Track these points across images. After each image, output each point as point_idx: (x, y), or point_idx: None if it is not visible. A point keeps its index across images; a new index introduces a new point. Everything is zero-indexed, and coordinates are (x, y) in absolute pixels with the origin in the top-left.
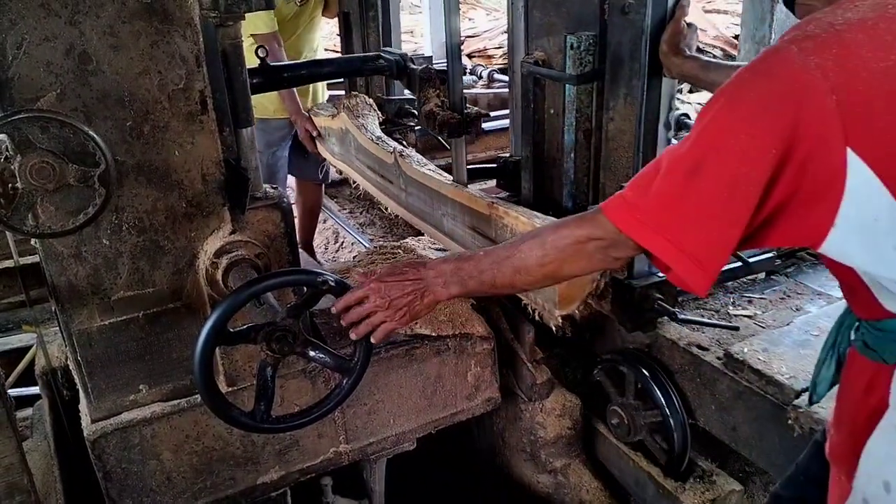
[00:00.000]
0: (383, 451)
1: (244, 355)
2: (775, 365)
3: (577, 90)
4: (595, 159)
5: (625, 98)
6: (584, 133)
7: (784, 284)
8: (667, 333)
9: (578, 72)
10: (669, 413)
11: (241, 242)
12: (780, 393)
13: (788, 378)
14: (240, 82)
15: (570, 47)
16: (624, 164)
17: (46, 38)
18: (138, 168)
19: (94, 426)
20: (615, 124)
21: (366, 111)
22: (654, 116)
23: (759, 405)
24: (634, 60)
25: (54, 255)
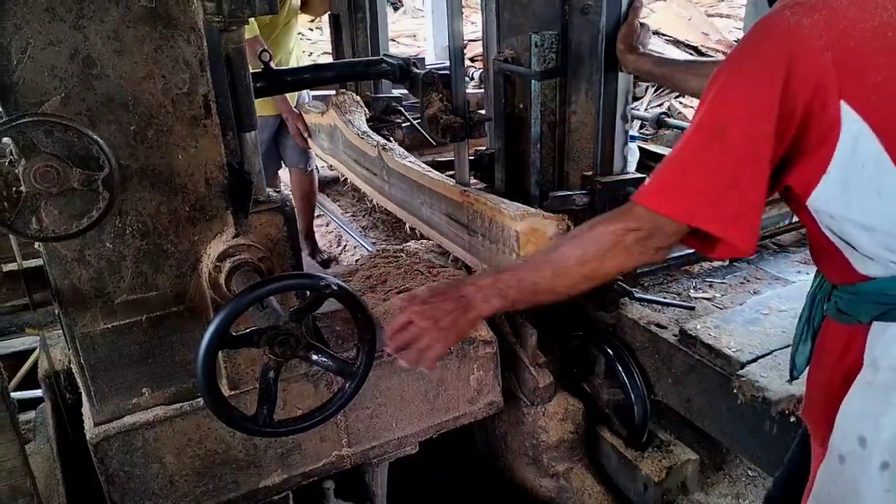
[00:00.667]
0: (385, 455)
1: (247, 359)
2: (724, 340)
3: (542, 85)
4: (560, 150)
5: (586, 93)
6: (548, 125)
7: (745, 270)
8: (629, 314)
9: (542, 68)
10: (631, 389)
11: (244, 246)
12: (727, 365)
13: (735, 351)
14: (243, 86)
15: (535, 45)
16: (586, 154)
17: (51, 42)
18: (142, 172)
19: (97, 429)
20: (577, 117)
21: (353, 108)
22: (612, 109)
23: (709, 377)
24: (593, 57)
25: (58, 258)
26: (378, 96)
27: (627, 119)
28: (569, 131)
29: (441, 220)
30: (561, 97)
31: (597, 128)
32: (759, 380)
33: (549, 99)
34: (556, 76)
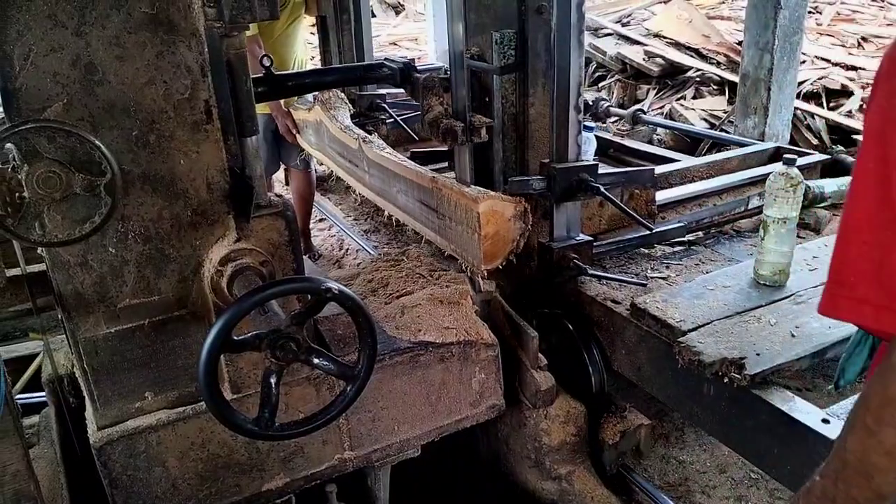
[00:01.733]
0: (387, 458)
1: (249, 363)
2: (670, 312)
3: (502, 79)
4: (521, 139)
5: (543, 86)
6: (510, 117)
7: (701, 253)
8: (588, 291)
9: (502, 63)
10: (589, 361)
11: (246, 250)
12: (671, 334)
13: (678, 321)
14: (244, 91)
15: (495, 43)
16: (544, 143)
17: (53, 48)
18: (144, 177)
19: (100, 433)
20: (535, 108)
21: (338, 105)
22: (565, 101)
23: (655, 346)
24: (548, 53)
25: (61, 263)
26: (363, 94)
27: (580, 110)
28: (528, 122)
29: (415, 207)
30: (521, 90)
31: (552, 118)
32: (697, 345)
33: (510, 92)
34: (515, 71)
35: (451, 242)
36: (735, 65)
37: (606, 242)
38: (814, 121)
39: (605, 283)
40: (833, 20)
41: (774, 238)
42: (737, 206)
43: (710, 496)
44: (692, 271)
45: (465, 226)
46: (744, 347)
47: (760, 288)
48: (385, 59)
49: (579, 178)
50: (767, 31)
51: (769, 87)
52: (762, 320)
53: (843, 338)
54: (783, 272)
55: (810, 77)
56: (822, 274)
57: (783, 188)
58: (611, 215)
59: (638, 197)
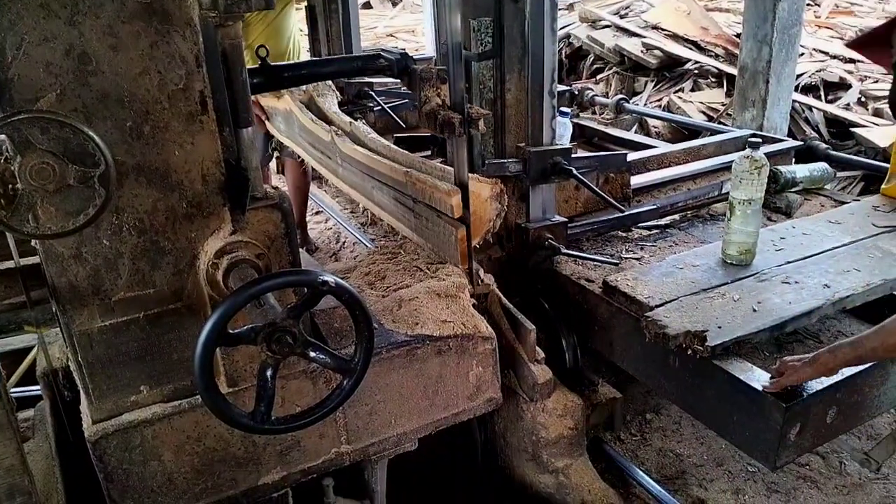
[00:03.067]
0: (384, 452)
1: (245, 356)
2: (640, 289)
3: (480, 66)
4: (499, 124)
5: (518, 73)
6: (487, 102)
7: (676, 236)
8: (563, 271)
9: (480, 50)
10: (563, 337)
11: (242, 243)
12: (639, 309)
13: (647, 298)
14: (239, 82)
15: (473, 30)
16: (521, 127)
17: (46, 38)
18: (138, 169)
19: (95, 427)
20: (512, 94)
21: (325, 91)
22: (539, 87)
23: (625, 322)
24: (523, 40)
25: (55, 256)
26: (350, 81)
27: (554, 95)
28: (505, 107)
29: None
30: (498, 77)
31: (527, 103)
32: (663, 319)
33: (487, 78)
34: (492, 58)
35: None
36: (733, 57)
37: (581, 224)
38: (812, 113)
39: (579, 264)
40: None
41: (741, 219)
42: (710, 190)
43: (707, 489)
44: (665, 252)
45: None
46: (707, 321)
47: (727, 267)
48: (381, 50)
49: (553, 161)
50: (766, 23)
51: (767, 79)
52: (726, 297)
53: (803, 312)
54: (749, 252)
55: (809, 70)
56: (788, 254)
57: (748, 170)
58: (587, 198)
59: (613, 181)
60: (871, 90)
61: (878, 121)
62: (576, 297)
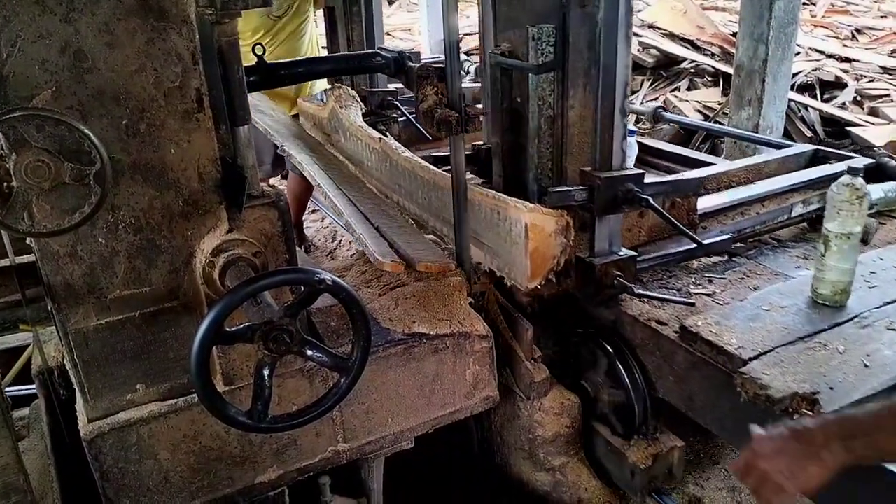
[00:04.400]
0: (381, 450)
1: (241, 354)
2: (726, 336)
3: (539, 79)
4: (558, 145)
5: (584, 87)
6: (546, 120)
7: (745, 266)
8: (629, 310)
9: (540, 61)
10: (632, 388)
11: (238, 241)
12: (729, 362)
13: (737, 348)
14: (236, 80)
15: (532, 39)
16: (585, 149)
17: (41, 35)
18: (134, 166)
19: (91, 426)
20: (576, 111)
21: (349, 103)
22: (611, 103)
23: (711, 375)
24: (592, 51)
25: (50, 254)
26: (374, 90)
27: (626, 113)
28: (567, 126)
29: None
30: (559, 91)
31: (595, 122)
32: (762, 377)
33: (548, 93)
34: (553, 70)
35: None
36: (729, 56)
37: (650, 257)
38: (807, 112)
39: (646, 301)
40: (827, 12)
41: (837, 255)
42: (780, 214)
43: (704, 487)
44: (738, 287)
45: (506, 239)
46: (814, 380)
47: (820, 308)
48: (379, 48)
49: (625, 189)
50: (762, 22)
51: (763, 78)
52: (829, 348)
53: None
54: (844, 291)
55: (804, 69)
56: (884, 292)
57: (848, 200)
58: (651, 226)
59: (680, 206)
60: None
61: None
62: (645, 341)
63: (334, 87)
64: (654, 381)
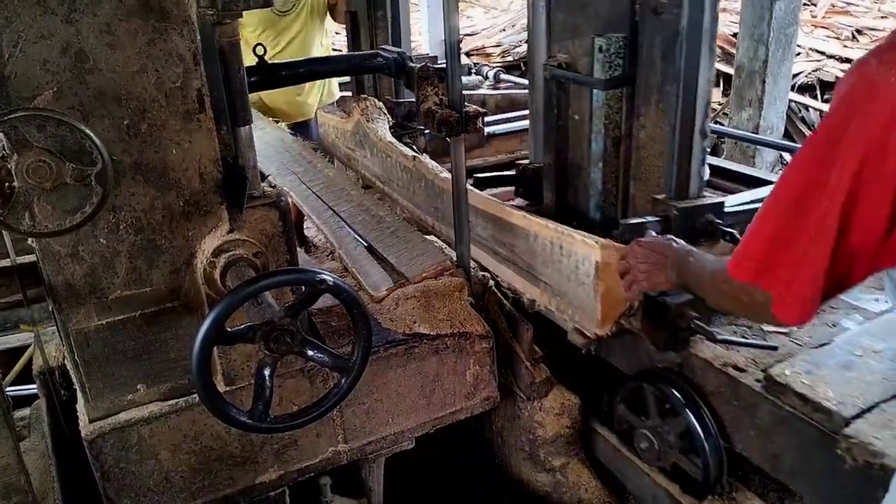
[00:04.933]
0: (382, 451)
1: (242, 355)
2: (821, 389)
3: (606, 95)
4: (624, 168)
5: (657, 104)
6: (612, 141)
7: None
8: (699, 353)
9: (607, 76)
10: (704, 437)
11: (239, 241)
12: (828, 420)
13: (836, 404)
14: (237, 80)
15: (599, 50)
16: (656, 174)
17: (43, 35)
18: (135, 167)
19: (92, 426)
20: (646, 132)
21: (377, 115)
22: (690, 124)
23: (805, 433)
24: (668, 64)
25: (51, 254)
26: (400, 101)
27: (706, 134)
28: (636, 147)
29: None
30: (627, 109)
31: (672, 144)
32: (873, 441)
33: (614, 111)
34: (622, 85)
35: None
36: (730, 56)
37: None
38: (808, 113)
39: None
40: (828, 12)
41: None
42: None
43: None
44: (815, 324)
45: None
46: None
47: None
48: (379, 48)
49: (705, 220)
50: (763, 22)
51: (764, 79)
52: None
53: None
54: None
55: (805, 69)
56: None
57: None
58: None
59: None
60: None
61: None
62: (720, 388)
63: (360, 98)
64: (730, 434)
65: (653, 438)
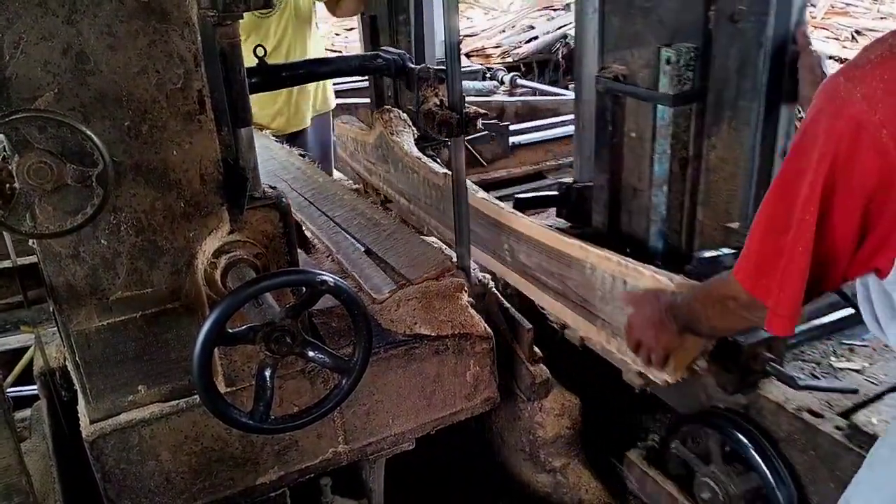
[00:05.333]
0: (382, 451)
1: (243, 356)
2: None
3: (674, 112)
4: (692, 193)
5: (730, 123)
6: (679, 162)
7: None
8: (769, 394)
9: (676, 91)
10: (777, 488)
11: (240, 242)
12: None
13: None
14: (238, 82)
15: (667, 62)
16: (726, 199)
17: (44, 37)
18: (136, 168)
19: (93, 427)
20: (718, 153)
21: (400, 128)
22: (771, 145)
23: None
24: (744, 78)
25: (52, 255)
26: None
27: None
28: (706, 170)
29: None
30: (697, 127)
31: (750, 169)
32: None
33: (682, 129)
34: (693, 101)
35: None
36: None
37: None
38: None
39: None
40: (827, 13)
41: None
42: None
43: None
44: (887, 357)
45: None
46: None
47: None
48: (380, 49)
49: None
50: None
51: None
52: None
53: None
54: None
55: None
56: None
57: None
58: None
59: None
60: None
61: None
62: (794, 435)
63: (383, 109)
64: (805, 486)
65: (716, 488)
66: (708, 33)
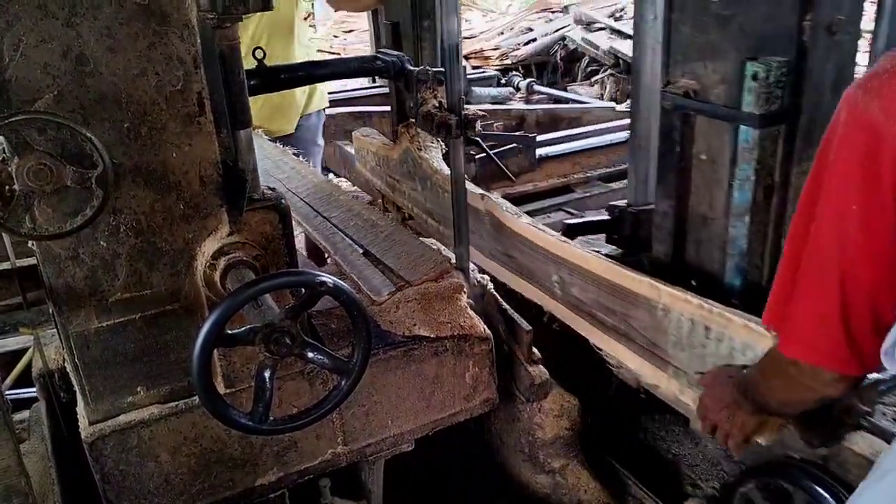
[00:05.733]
0: (381, 453)
1: (242, 357)
2: None
3: (760, 135)
4: (776, 224)
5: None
6: (763, 190)
7: None
8: (853, 446)
9: (764, 110)
10: None
11: (239, 244)
12: None
13: None
14: (237, 84)
15: (754, 77)
16: None
17: (43, 39)
18: (136, 170)
19: (92, 428)
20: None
21: (428, 143)
22: None
23: None
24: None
25: (52, 257)
26: None
27: None
28: (794, 200)
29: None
30: (784, 152)
31: None
32: None
33: (769, 153)
34: (782, 122)
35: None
36: None
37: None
38: None
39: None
40: None
41: None
42: None
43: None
44: None
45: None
46: None
47: None
48: (378, 52)
49: None
50: None
51: None
52: None
53: None
54: None
55: None
56: None
57: None
58: None
59: None
60: None
61: None
62: None
63: (409, 124)
64: None
65: None
66: (801, 46)
